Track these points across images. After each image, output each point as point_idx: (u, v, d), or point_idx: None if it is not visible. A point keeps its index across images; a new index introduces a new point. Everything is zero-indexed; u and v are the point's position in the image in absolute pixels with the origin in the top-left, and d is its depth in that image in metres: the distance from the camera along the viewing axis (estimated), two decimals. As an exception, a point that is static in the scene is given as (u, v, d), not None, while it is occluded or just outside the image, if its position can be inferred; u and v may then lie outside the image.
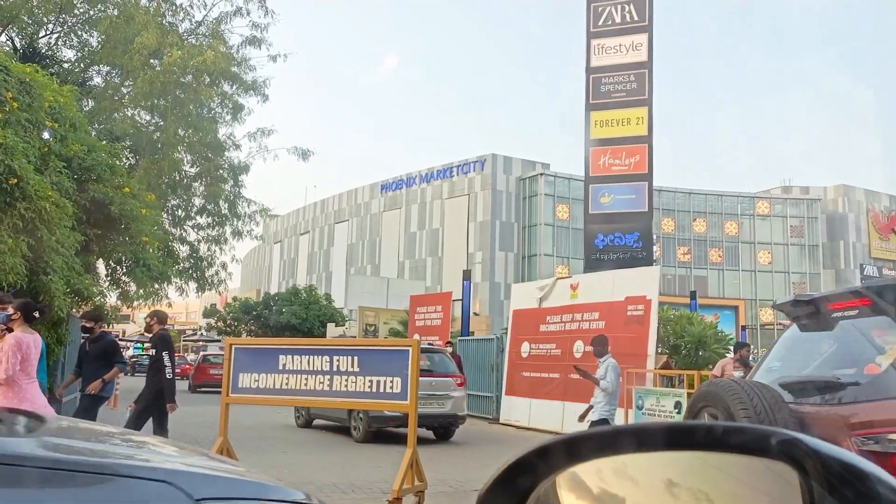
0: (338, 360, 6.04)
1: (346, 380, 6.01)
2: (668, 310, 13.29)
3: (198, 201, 19.81)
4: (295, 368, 6.10)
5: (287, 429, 12.39)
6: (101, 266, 11.33)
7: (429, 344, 13.49)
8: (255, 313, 40.30)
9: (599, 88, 20.12)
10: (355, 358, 6.03)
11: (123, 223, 9.13)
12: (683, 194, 50.33)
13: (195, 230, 19.96)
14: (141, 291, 17.26)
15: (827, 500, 0.54)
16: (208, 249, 20.24)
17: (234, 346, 6.35)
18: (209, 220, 19.96)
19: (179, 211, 19.79)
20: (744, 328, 33.41)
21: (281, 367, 6.16)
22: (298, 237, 63.64)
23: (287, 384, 6.12)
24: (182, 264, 19.61)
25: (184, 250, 19.90)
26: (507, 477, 0.69)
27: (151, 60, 16.62)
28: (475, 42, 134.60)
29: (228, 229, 20.38)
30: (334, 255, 58.01)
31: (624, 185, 19.56)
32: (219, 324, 42.79)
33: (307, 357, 6.14)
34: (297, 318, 37.24)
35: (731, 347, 12.42)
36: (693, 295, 20.20)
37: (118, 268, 10.70)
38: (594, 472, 0.68)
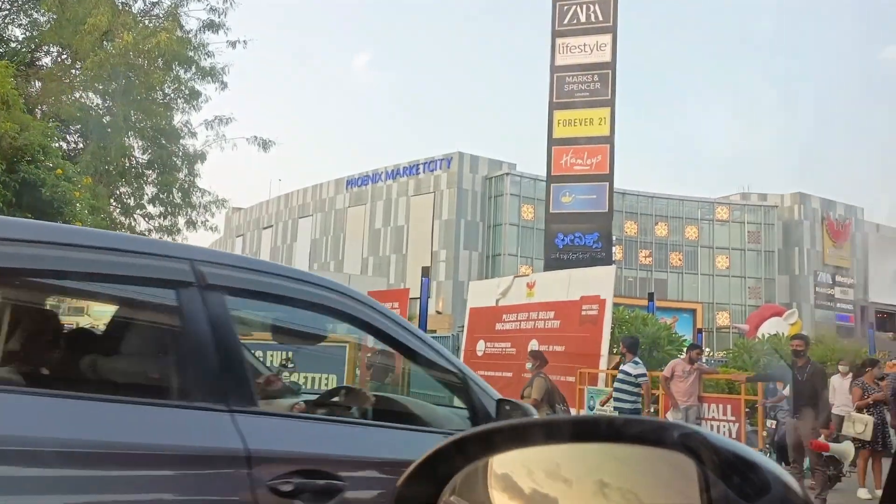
0: (271, 357, 5.76)
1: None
2: (624, 310, 13.25)
3: (149, 190, 19.19)
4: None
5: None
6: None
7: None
8: (212, 307, 39.50)
9: (563, 88, 20.07)
10: (290, 354, 5.76)
11: (56, 207, 8.67)
12: (646, 198, 50.85)
13: (146, 219, 19.32)
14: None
15: (720, 487, 0.57)
16: (160, 239, 19.64)
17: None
18: (161, 209, 19.34)
19: (129, 199, 19.14)
20: (700, 331, 33.75)
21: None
22: (261, 231, 62.70)
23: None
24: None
25: (134, 240, 19.30)
26: (424, 467, 0.73)
27: (105, 43, 16.02)
28: (445, 40, 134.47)
29: (182, 220, 19.79)
30: (297, 251, 57.25)
31: (585, 185, 19.53)
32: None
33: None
34: (255, 312, 36.61)
35: (685, 349, 12.44)
36: (651, 297, 20.20)
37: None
38: (516, 462, 0.71)
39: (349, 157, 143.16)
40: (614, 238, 43.87)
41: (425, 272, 17.41)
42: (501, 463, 0.72)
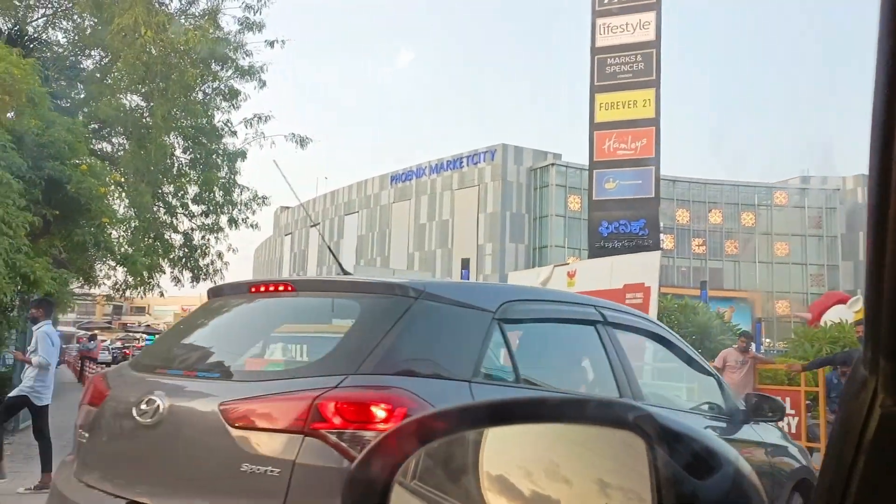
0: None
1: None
2: (672, 299, 12.58)
3: (192, 189, 19.31)
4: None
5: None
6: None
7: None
8: (261, 305, 39.94)
9: (605, 70, 19.31)
10: (304, 346, 5.47)
11: (83, 203, 8.61)
12: (699, 185, 49.31)
13: (188, 218, 19.47)
14: (131, 280, 16.84)
15: (670, 465, 0.57)
16: (203, 238, 19.74)
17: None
18: (203, 207, 19.45)
19: (172, 199, 19.29)
20: (759, 321, 32.53)
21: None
22: (308, 229, 63.35)
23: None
24: (177, 253, 19.18)
25: (178, 239, 19.44)
26: (377, 452, 0.73)
27: (146, 45, 16.11)
28: (489, 31, 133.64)
29: (224, 218, 19.85)
30: (344, 247, 57.61)
31: (630, 171, 18.74)
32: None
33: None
34: (303, 309, 36.82)
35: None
36: (703, 285, 19.42)
37: (74, 252, 10.17)
38: (492, 443, 0.73)
39: (394, 153, 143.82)
40: (665, 227, 42.58)
41: (465, 264, 17.08)
42: (490, 441, 0.73)
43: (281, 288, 2.84)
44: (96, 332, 33.33)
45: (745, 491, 0.56)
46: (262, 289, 2.90)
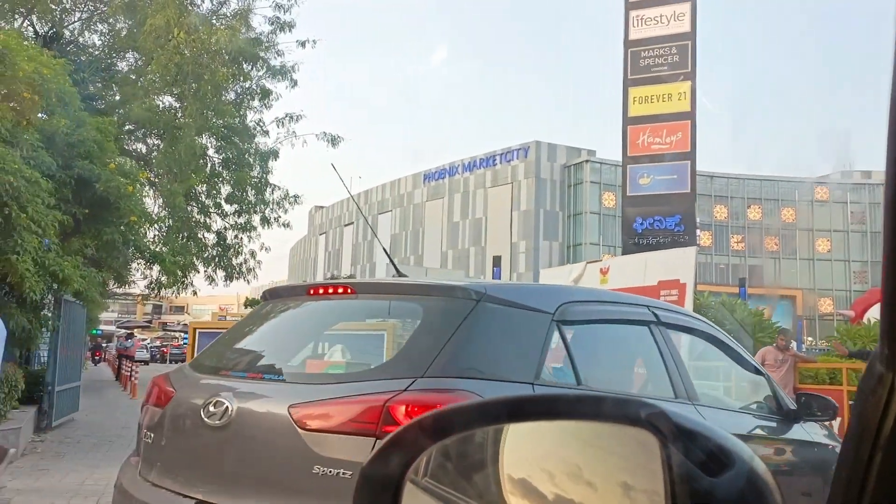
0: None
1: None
2: (708, 296, 12.23)
3: (224, 189, 19.48)
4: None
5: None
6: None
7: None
8: (295, 304, 40.20)
9: (638, 63, 18.88)
10: (366, 349, 5.40)
11: (112, 202, 8.67)
12: (737, 180, 48.25)
13: (221, 217, 19.63)
14: (164, 279, 17.05)
15: (682, 462, 0.57)
16: (236, 237, 19.91)
17: (197, 330, 5.77)
18: (236, 207, 19.61)
19: (206, 198, 19.47)
20: (800, 319, 31.61)
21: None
22: (343, 228, 63.75)
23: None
24: (210, 252, 19.38)
25: (211, 238, 19.63)
26: (389, 449, 0.72)
27: (179, 46, 16.29)
28: (521, 27, 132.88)
29: (257, 217, 19.99)
30: (378, 246, 57.81)
31: (664, 165, 18.30)
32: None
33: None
34: (336, 308, 36.92)
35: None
36: (742, 282, 18.86)
37: (104, 251, 10.25)
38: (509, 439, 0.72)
39: (426, 151, 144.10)
40: (702, 223, 41.73)
41: (496, 262, 16.87)
42: (508, 439, 0.72)
43: (340, 290, 2.86)
44: (134, 330, 33.94)
45: (760, 489, 0.55)
46: (321, 291, 2.91)
